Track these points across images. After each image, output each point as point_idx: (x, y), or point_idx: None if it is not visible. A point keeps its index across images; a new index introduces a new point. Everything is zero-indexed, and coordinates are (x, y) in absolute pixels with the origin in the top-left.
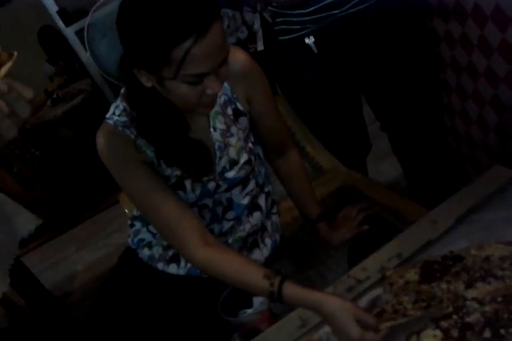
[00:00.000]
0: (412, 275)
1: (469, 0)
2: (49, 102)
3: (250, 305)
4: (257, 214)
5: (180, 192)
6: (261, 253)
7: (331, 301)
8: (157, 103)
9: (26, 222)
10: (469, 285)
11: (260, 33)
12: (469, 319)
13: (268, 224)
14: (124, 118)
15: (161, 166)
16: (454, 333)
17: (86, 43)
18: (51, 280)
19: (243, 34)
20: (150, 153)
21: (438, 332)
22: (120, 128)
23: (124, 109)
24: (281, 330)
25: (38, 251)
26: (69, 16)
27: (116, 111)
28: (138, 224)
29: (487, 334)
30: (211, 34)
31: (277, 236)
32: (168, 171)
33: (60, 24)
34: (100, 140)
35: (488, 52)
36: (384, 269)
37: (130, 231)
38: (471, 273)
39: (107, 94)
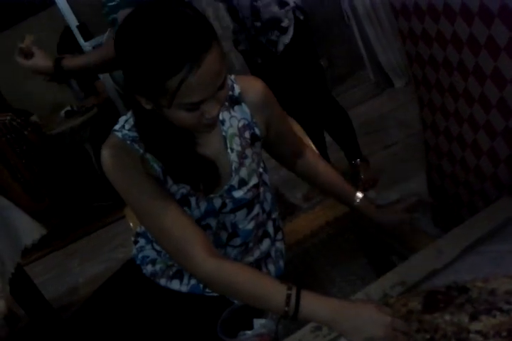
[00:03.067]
0: (416, 304)
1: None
2: (63, 114)
3: (250, 327)
4: (266, 241)
5: (185, 209)
6: None
7: (353, 301)
8: (161, 123)
9: (31, 230)
10: (473, 317)
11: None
12: None
13: (272, 251)
14: (134, 134)
15: (168, 182)
16: None
17: None
18: (52, 292)
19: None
20: (157, 168)
21: None
22: (128, 142)
23: (135, 124)
24: None
25: (41, 261)
26: (88, 32)
27: (126, 125)
28: (142, 241)
29: None
30: (206, 63)
31: (281, 263)
32: (174, 188)
33: (80, 39)
34: (106, 151)
35: (501, 83)
36: (387, 296)
37: (133, 247)
38: (475, 305)
39: (120, 108)
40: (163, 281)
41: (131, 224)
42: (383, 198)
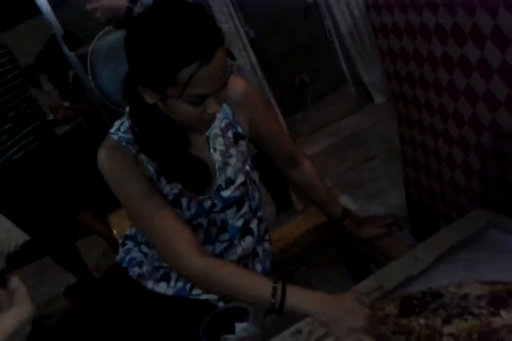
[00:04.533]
0: (392, 308)
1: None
2: None
3: (233, 332)
4: (248, 239)
5: (177, 210)
6: None
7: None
8: (159, 120)
9: (14, 236)
10: (446, 321)
11: None
12: None
13: (259, 250)
14: (129, 136)
15: (161, 183)
16: None
17: (88, 68)
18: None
19: None
20: (151, 169)
21: None
22: (124, 143)
23: (130, 127)
24: None
25: (19, 270)
26: (76, 41)
27: (121, 128)
28: (130, 244)
29: None
30: (216, 58)
31: (268, 263)
32: (167, 188)
33: (64, 48)
34: (102, 152)
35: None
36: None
37: (121, 249)
38: (448, 309)
39: (106, 119)
40: (150, 284)
41: (114, 231)
42: (363, 211)
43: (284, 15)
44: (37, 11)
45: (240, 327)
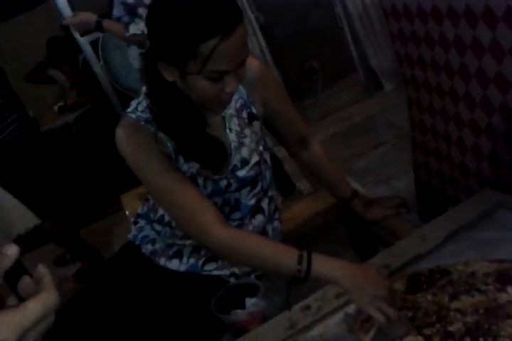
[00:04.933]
0: (399, 285)
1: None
2: (56, 109)
3: (243, 307)
4: (259, 217)
5: None
6: None
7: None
8: (177, 98)
9: (25, 219)
10: (454, 297)
11: None
12: (451, 328)
13: (269, 229)
14: (147, 115)
15: (179, 161)
16: (436, 340)
17: (100, 53)
18: None
19: None
20: (170, 147)
21: (420, 339)
22: (142, 122)
23: (148, 106)
24: (270, 330)
25: (29, 254)
26: None
27: (139, 107)
28: (142, 222)
29: None
30: (236, 34)
31: (277, 241)
32: (185, 167)
33: (76, 34)
34: (120, 131)
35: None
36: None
37: (133, 228)
38: (456, 286)
39: (115, 104)
40: (162, 260)
41: (126, 212)
42: (371, 195)
43: (294, 1)
44: None
45: (249, 302)
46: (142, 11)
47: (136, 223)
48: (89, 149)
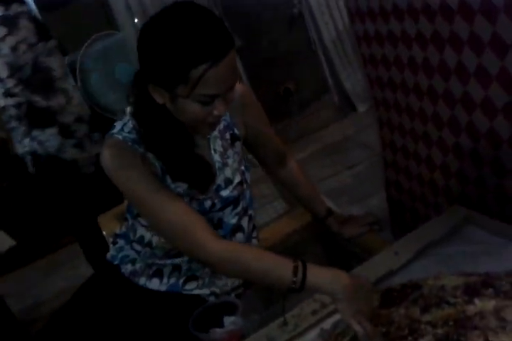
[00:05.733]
0: (374, 301)
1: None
2: None
3: (221, 325)
4: (239, 235)
5: None
6: None
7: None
8: (166, 120)
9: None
10: (425, 310)
11: None
12: (422, 340)
13: None
14: (133, 136)
15: (166, 181)
16: None
17: (77, 74)
18: (17, 306)
19: None
20: (158, 167)
21: None
22: (129, 143)
23: (134, 127)
24: None
25: (8, 275)
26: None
27: (125, 128)
28: (121, 242)
29: None
30: (227, 59)
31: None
32: (172, 187)
33: None
34: (107, 152)
35: (452, 103)
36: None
37: (112, 248)
38: (427, 300)
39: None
40: (142, 280)
41: (104, 232)
42: (345, 214)
43: (270, 25)
44: None
45: (228, 320)
46: None
47: (115, 243)
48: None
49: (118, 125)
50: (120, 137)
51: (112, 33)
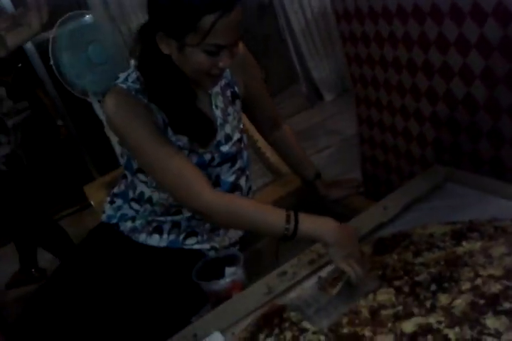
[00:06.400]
0: (367, 249)
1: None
2: None
3: (223, 277)
4: (237, 194)
5: None
6: (235, 233)
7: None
8: (170, 71)
9: None
10: (416, 254)
11: None
12: (418, 278)
13: None
14: (137, 86)
15: (168, 133)
16: (406, 289)
17: (50, 54)
18: None
19: None
20: (160, 119)
21: (391, 290)
22: (133, 92)
23: (138, 78)
24: (249, 296)
25: None
26: None
27: (129, 79)
28: (119, 201)
29: (433, 287)
30: (235, 12)
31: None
32: (173, 139)
33: None
34: (111, 100)
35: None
36: None
37: (109, 207)
38: (417, 246)
39: (59, 107)
40: (142, 237)
41: (92, 202)
42: None
43: None
44: None
45: (229, 271)
46: None
47: (112, 202)
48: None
49: (122, 75)
50: (124, 86)
51: (84, 13)
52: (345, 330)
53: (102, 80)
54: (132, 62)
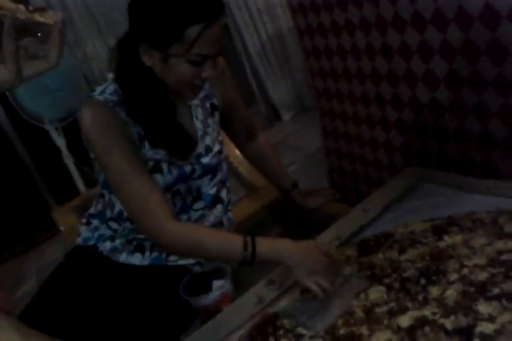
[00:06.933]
0: (352, 252)
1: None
2: None
3: (211, 291)
4: (219, 207)
5: (158, 175)
6: None
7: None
8: (149, 83)
9: None
10: (401, 252)
11: None
12: (406, 274)
13: (225, 219)
14: (114, 98)
15: (144, 147)
16: (396, 286)
17: None
18: None
19: None
20: (135, 133)
21: (382, 288)
22: (111, 104)
23: (115, 91)
24: (240, 307)
25: None
26: None
27: (106, 91)
28: (96, 222)
29: (423, 281)
30: (219, 22)
31: (221, 230)
32: (150, 153)
33: None
34: (87, 112)
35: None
36: (327, 250)
37: (85, 229)
38: (401, 243)
39: (11, 135)
40: (123, 256)
41: (61, 228)
42: None
43: None
44: None
45: (217, 284)
46: None
47: (88, 223)
48: None
49: (99, 88)
50: (101, 98)
51: None
52: (341, 331)
53: (58, 106)
54: (110, 75)
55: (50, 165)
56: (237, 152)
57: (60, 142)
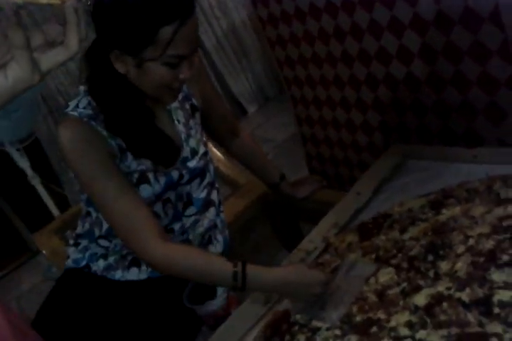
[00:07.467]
0: (352, 237)
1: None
2: None
3: (215, 296)
4: (212, 210)
5: (146, 186)
6: (215, 249)
7: (290, 266)
8: (125, 91)
9: None
10: (403, 231)
11: None
12: (412, 252)
13: (218, 221)
14: (89, 111)
15: (127, 159)
16: (404, 265)
17: None
18: None
19: None
20: (114, 146)
21: (390, 269)
22: (86, 119)
23: (89, 103)
24: (250, 309)
25: None
26: None
27: (80, 105)
28: (84, 241)
29: (430, 257)
30: (192, 20)
31: (226, 233)
32: (134, 165)
33: None
34: (63, 131)
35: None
36: (326, 238)
37: (74, 250)
38: (400, 223)
39: None
40: (118, 273)
41: (44, 252)
42: None
43: None
44: None
45: (221, 288)
46: None
47: (77, 244)
48: None
49: (72, 103)
50: (76, 113)
51: None
52: (358, 318)
53: (17, 128)
54: (81, 87)
55: (15, 187)
56: (216, 151)
57: (24, 163)
